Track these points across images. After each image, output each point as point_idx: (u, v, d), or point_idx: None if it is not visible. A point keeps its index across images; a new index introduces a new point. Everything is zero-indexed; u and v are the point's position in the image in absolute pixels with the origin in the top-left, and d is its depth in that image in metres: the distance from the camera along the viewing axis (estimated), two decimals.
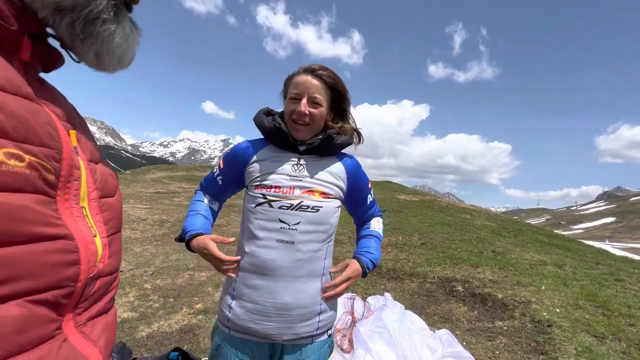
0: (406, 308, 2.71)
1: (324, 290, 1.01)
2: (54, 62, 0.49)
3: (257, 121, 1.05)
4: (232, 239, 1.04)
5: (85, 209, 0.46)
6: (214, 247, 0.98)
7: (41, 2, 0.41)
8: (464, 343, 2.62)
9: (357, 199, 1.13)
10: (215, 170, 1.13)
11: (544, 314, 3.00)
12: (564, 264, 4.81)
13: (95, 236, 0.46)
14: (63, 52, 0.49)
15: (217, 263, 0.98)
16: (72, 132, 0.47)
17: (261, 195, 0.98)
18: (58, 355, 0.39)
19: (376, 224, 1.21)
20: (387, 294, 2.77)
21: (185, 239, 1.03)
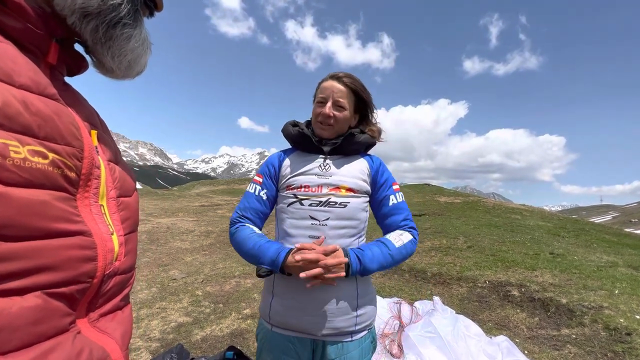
0: (457, 313, 2.56)
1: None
2: (78, 66, 0.51)
3: (285, 131, 1.14)
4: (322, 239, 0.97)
5: (104, 207, 0.46)
6: (312, 247, 0.91)
7: (69, 8, 0.43)
8: (526, 352, 2.40)
9: (380, 197, 1.08)
10: (254, 191, 1.09)
11: (621, 320, 2.65)
12: None
13: (112, 234, 0.46)
14: (87, 57, 0.52)
15: (318, 261, 0.89)
16: (94, 132, 0.48)
17: (292, 195, 1.03)
18: (74, 345, 0.39)
19: (395, 235, 1.03)
20: (436, 298, 2.65)
21: (281, 258, 0.93)
